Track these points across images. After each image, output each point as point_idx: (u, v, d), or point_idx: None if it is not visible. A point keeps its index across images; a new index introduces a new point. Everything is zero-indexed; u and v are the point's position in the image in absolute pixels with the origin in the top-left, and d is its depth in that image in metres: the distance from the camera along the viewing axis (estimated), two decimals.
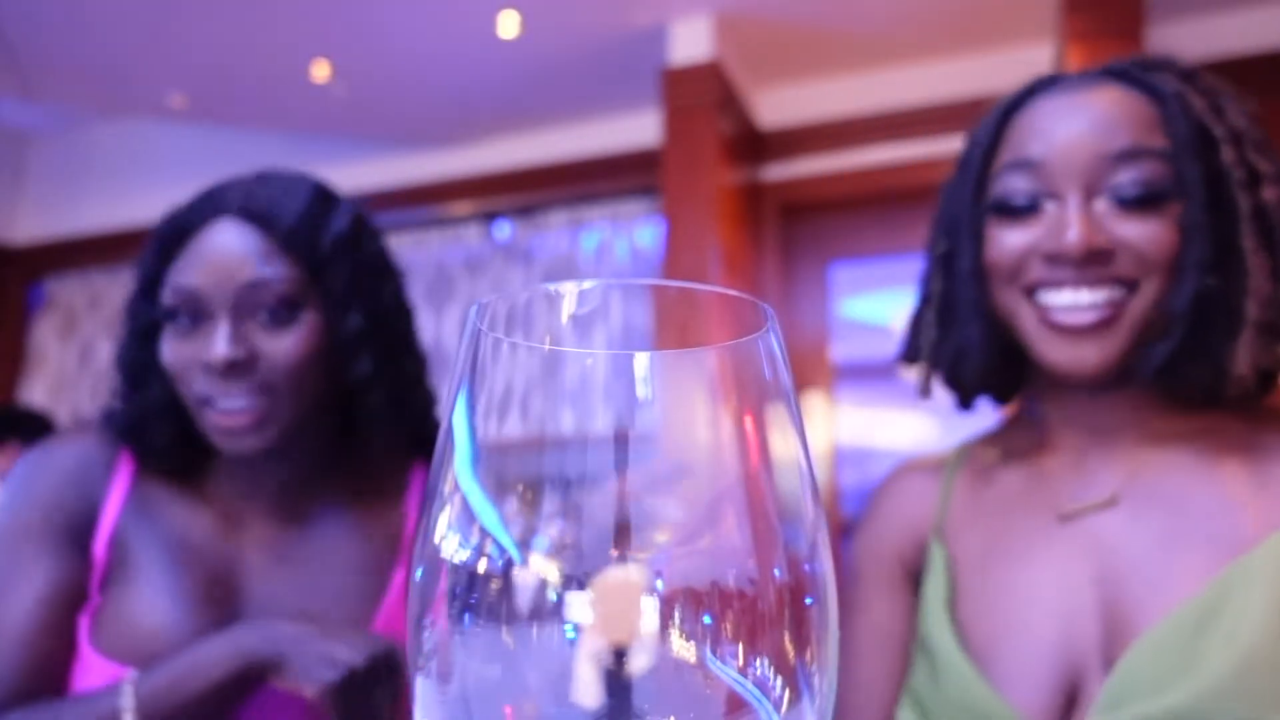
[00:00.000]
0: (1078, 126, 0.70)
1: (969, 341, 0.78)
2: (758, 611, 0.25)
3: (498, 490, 0.26)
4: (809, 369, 2.79)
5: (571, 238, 3.21)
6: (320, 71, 2.82)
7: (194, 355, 0.77)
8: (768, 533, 0.26)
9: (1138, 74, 0.72)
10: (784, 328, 0.28)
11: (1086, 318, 0.68)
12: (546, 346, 0.27)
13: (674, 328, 0.29)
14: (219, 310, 0.76)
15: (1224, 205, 0.68)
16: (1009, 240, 0.72)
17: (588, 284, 0.28)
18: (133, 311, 0.84)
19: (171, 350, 0.79)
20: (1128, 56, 0.75)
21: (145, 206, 3.60)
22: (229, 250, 0.77)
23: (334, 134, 3.33)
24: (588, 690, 0.25)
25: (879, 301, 2.87)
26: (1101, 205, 0.69)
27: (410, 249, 3.46)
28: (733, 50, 2.67)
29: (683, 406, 0.27)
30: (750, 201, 2.78)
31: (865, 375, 2.79)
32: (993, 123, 0.76)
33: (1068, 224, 0.68)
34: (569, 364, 0.26)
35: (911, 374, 0.86)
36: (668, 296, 0.29)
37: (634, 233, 3.11)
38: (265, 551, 0.83)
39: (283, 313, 0.77)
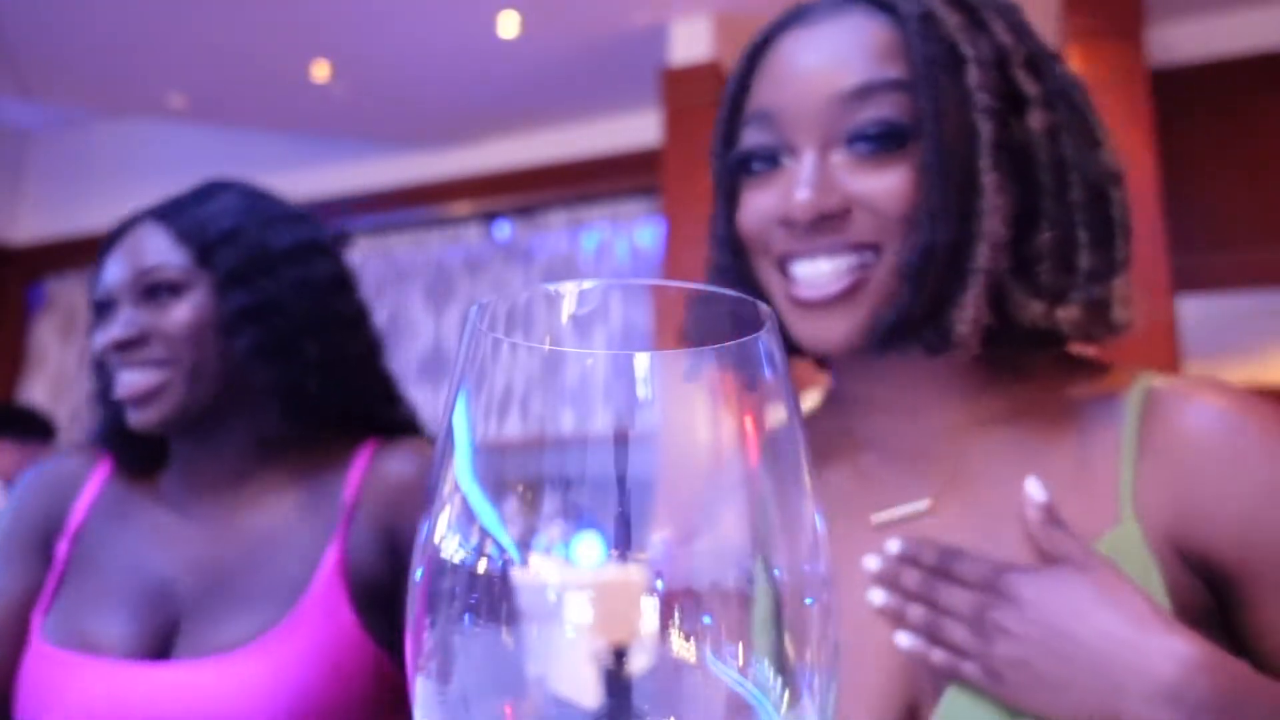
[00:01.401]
0: (809, 66, 0.61)
1: None
2: (757, 612, 0.25)
3: (498, 490, 0.26)
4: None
5: (571, 238, 3.21)
6: (320, 71, 2.83)
7: (103, 342, 0.86)
8: (768, 533, 0.26)
9: None
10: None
11: (829, 290, 0.60)
12: (546, 346, 0.27)
13: (674, 328, 0.29)
14: (122, 299, 0.86)
15: (970, 138, 0.58)
16: (751, 205, 0.64)
17: (588, 284, 0.28)
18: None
19: (94, 342, 0.88)
20: None
21: (145, 206, 3.60)
22: (134, 246, 0.87)
23: (334, 134, 3.33)
24: (587, 691, 0.25)
25: None
26: (839, 157, 0.60)
27: (410, 249, 3.47)
28: (732, 49, 2.67)
29: (683, 406, 0.27)
30: None
31: None
32: (741, 66, 0.66)
33: (796, 185, 0.59)
34: (569, 364, 0.26)
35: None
36: (668, 296, 0.29)
37: (634, 233, 3.11)
38: (208, 545, 0.87)
39: (170, 294, 0.85)
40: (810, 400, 0.80)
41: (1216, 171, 2.88)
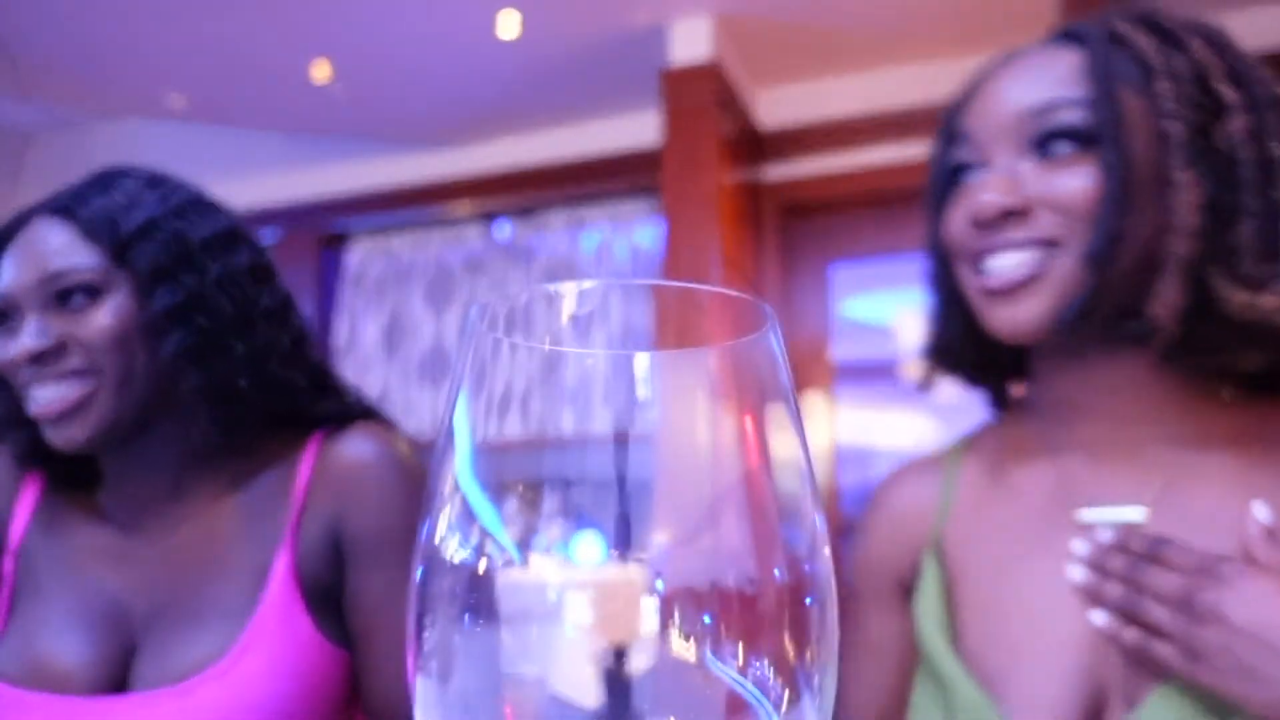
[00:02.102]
0: (1004, 92, 0.69)
1: (932, 318, 0.79)
2: (758, 611, 0.25)
3: (498, 490, 0.26)
4: (809, 369, 2.79)
5: (571, 238, 3.21)
6: (320, 72, 2.83)
7: (11, 354, 0.78)
8: (768, 533, 0.26)
9: (1078, 28, 0.69)
10: (784, 328, 0.28)
11: (1013, 277, 0.67)
12: (546, 346, 0.27)
13: (674, 328, 0.29)
14: (26, 306, 0.78)
15: (1161, 141, 0.64)
16: (951, 214, 0.72)
17: (588, 284, 0.28)
18: None
19: None
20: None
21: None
22: (33, 247, 0.79)
23: (334, 134, 3.33)
24: (587, 691, 0.25)
25: (879, 301, 2.87)
26: (1026, 165, 0.67)
27: (410, 249, 3.47)
28: (733, 50, 2.67)
29: (683, 406, 0.27)
30: (750, 202, 2.78)
31: (865, 375, 2.79)
32: (953, 102, 0.76)
33: (984, 187, 0.67)
34: (569, 364, 0.26)
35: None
36: (668, 296, 0.29)
37: (634, 233, 3.11)
38: (156, 564, 0.82)
39: (87, 299, 0.78)
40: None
41: None
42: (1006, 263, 0.67)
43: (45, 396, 0.77)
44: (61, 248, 0.78)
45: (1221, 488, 0.65)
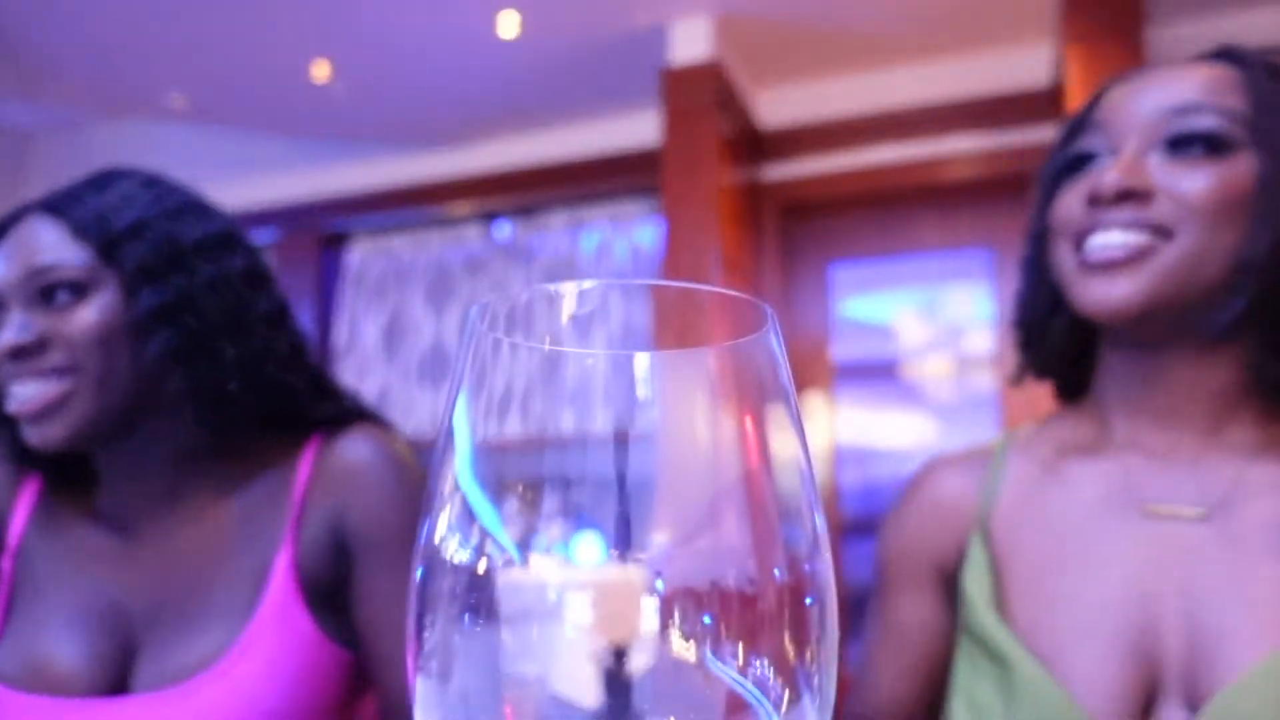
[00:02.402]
0: (1145, 88, 0.71)
1: (1018, 304, 0.79)
2: (758, 611, 0.25)
3: (498, 490, 0.26)
4: (809, 369, 2.79)
5: (571, 238, 3.21)
6: (320, 71, 2.83)
7: None
8: (768, 533, 0.26)
9: (1232, 50, 0.71)
10: (784, 328, 0.28)
11: (1116, 254, 0.67)
12: (546, 346, 0.27)
13: (674, 328, 0.29)
14: (12, 301, 0.77)
15: None
16: (1064, 195, 0.73)
17: (588, 284, 0.28)
18: None
19: None
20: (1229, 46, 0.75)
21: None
22: (23, 243, 0.79)
23: (334, 134, 3.33)
24: (588, 690, 0.25)
25: (879, 301, 2.87)
26: (1157, 157, 0.68)
27: (410, 249, 3.47)
28: (732, 50, 2.67)
29: (683, 406, 0.27)
30: (750, 202, 2.78)
31: (865, 375, 2.79)
32: (1090, 98, 0.76)
33: (1110, 168, 0.68)
34: (569, 364, 0.26)
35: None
36: (668, 296, 0.29)
37: (634, 233, 3.12)
38: (154, 566, 0.82)
39: (72, 295, 0.77)
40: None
41: None
42: (1111, 239, 0.68)
43: (24, 394, 0.76)
44: (50, 244, 0.78)
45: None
